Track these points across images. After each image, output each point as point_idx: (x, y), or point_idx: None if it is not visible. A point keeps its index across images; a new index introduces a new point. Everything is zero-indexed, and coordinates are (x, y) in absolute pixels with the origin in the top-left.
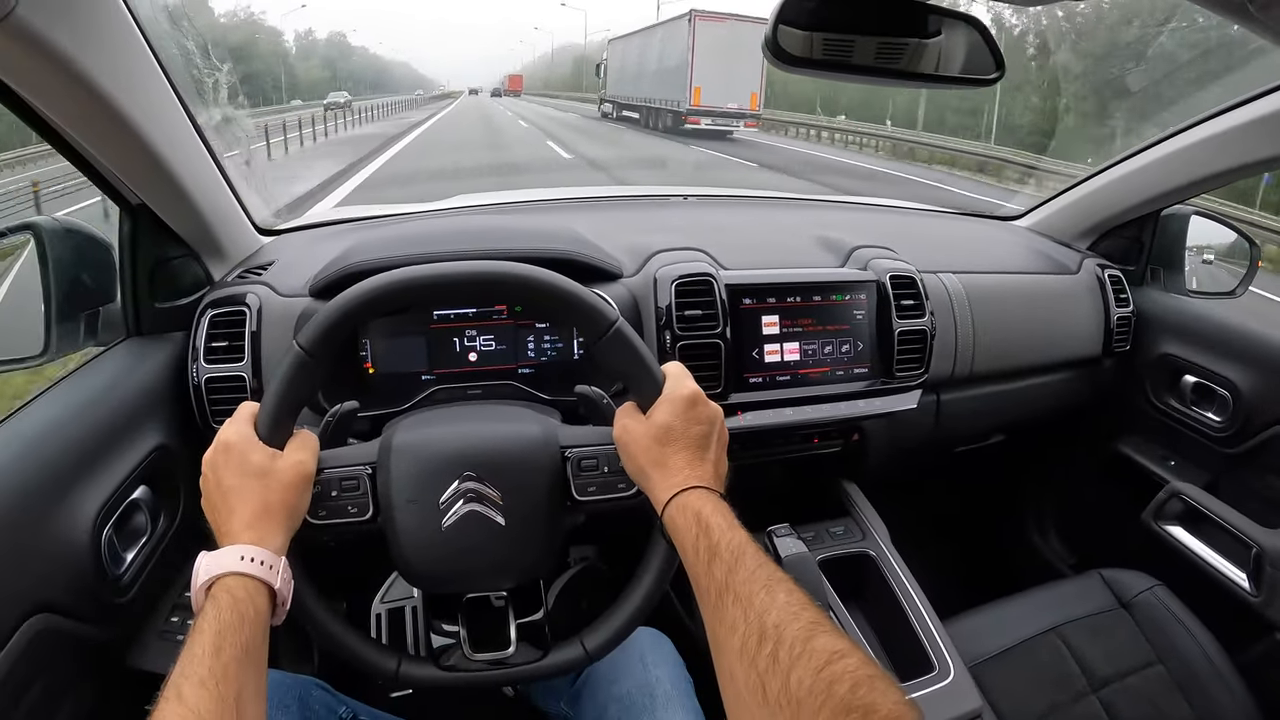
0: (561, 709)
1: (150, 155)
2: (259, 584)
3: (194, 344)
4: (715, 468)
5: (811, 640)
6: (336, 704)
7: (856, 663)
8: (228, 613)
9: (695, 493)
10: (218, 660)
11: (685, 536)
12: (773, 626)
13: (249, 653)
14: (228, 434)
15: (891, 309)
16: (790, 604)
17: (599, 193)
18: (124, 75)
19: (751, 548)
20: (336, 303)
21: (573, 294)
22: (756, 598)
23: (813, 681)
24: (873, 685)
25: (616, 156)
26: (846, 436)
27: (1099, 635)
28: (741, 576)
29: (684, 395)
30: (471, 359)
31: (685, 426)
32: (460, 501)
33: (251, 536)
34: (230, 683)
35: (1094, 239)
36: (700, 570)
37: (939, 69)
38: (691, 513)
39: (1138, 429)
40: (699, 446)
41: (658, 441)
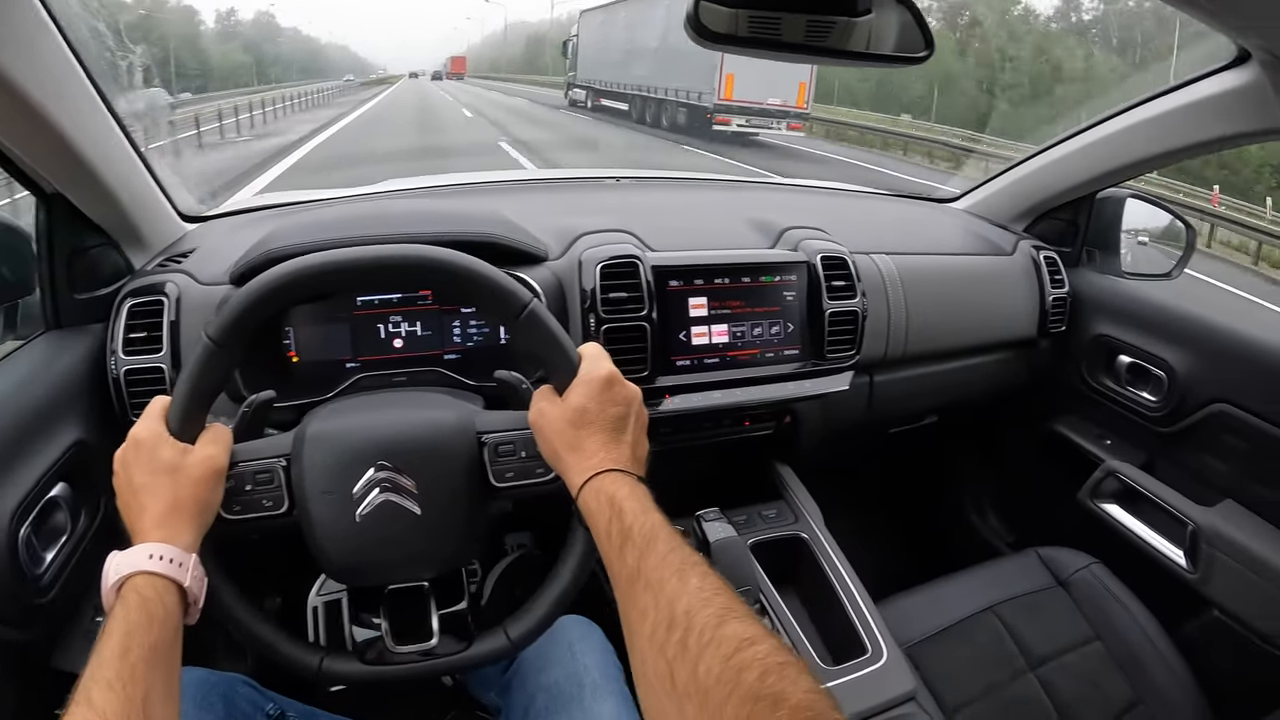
0: (493, 699)
1: (62, 141)
2: (168, 583)
3: (112, 335)
4: (633, 450)
5: (721, 627)
6: (263, 701)
7: (767, 650)
8: (135, 613)
9: (610, 476)
10: (125, 662)
11: (598, 521)
12: (683, 613)
13: (158, 653)
14: (138, 430)
15: (822, 290)
16: (702, 589)
17: (530, 176)
18: (30, 57)
19: (665, 531)
20: (243, 292)
21: (485, 276)
22: (668, 583)
23: (721, 669)
24: (783, 673)
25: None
26: (778, 419)
27: (1036, 613)
28: (653, 561)
29: (599, 376)
30: (396, 345)
31: (601, 408)
32: (375, 491)
33: (161, 534)
34: (138, 684)
35: (1030, 221)
36: (613, 555)
37: (869, 47)
38: (605, 496)
39: (1074, 409)
40: (615, 429)
41: (572, 424)
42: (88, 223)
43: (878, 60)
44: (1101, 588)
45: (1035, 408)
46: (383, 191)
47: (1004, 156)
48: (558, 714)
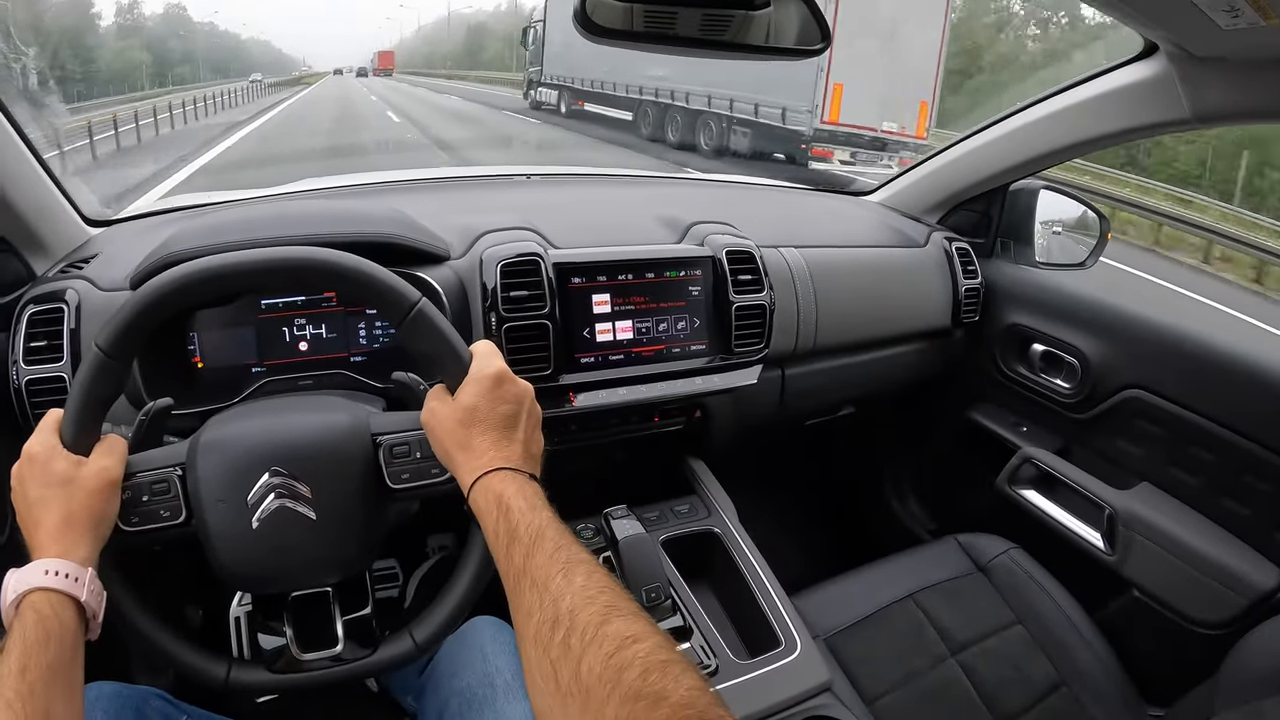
0: (409, 703)
1: None
2: (64, 598)
3: (13, 345)
4: (525, 448)
5: (605, 625)
6: (176, 713)
7: (649, 648)
8: (33, 630)
9: (499, 474)
10: (23, 680)
11: (487, 520)
12: (566, 612)
13: (56, 670)
14: (31, 444)
15: (728, 284)
16: (587, 588)
17: (441, 174)
18: None
19: (553, 530)
20: (131, 300)
21: (372, 276)
22: (553, 582)
23: (603, 668)
24: (665, 671)
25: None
26: (688, 414)
27: (957, 599)
28: (539, 560)
29: (489, 374)
30: (302, 348)
31: (491, 406)
32: (270, 497)
33: (57, 549)
34: (37, 701)
35: (943, 213)
36: (500, 554)
37: (768, 40)
38: (493, 495)
39: (990, 397)
40: (506, 426)
41: (462, 424)
42: None
43: (776, 54)
44: (1022, 572)
45: (952, 397)
46: (292, 192)
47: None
48: (471, 717)
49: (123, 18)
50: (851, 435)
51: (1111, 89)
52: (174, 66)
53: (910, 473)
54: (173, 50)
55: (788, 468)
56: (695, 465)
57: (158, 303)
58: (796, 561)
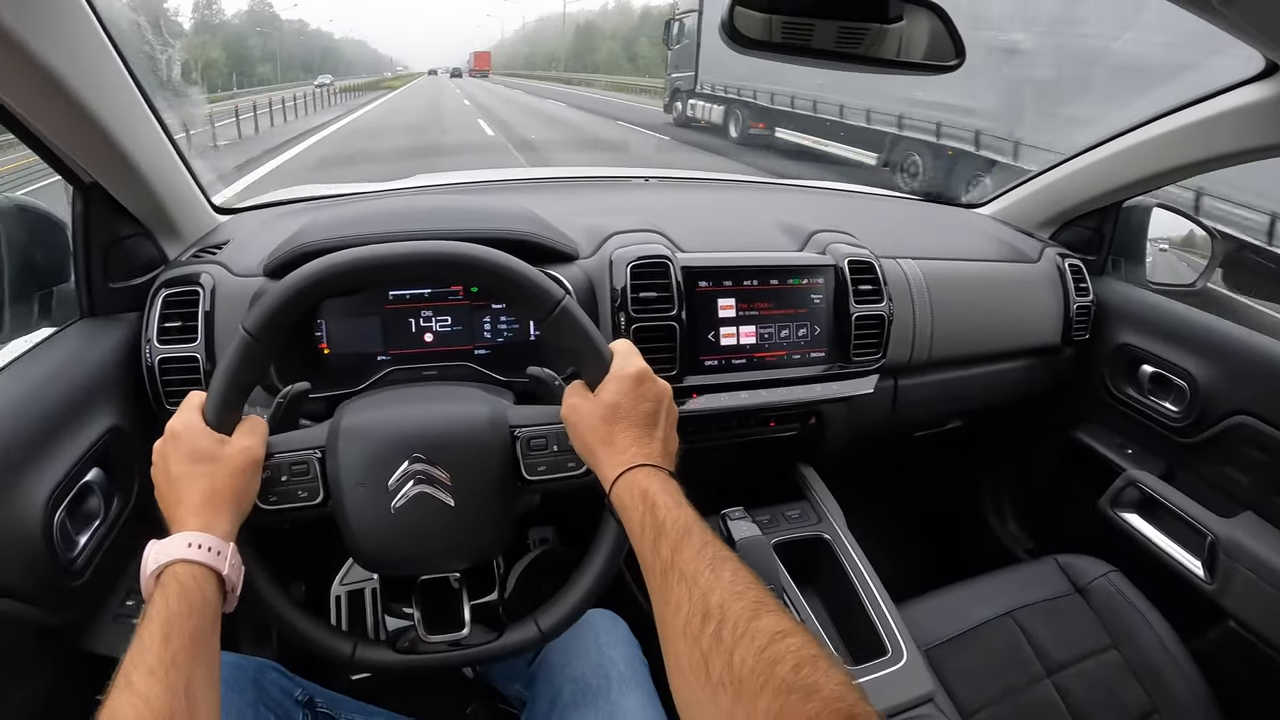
0: (517, 690)
1: (101, 132)
2: (206, 571)
3: (147, 324)
4: (664, 445)
5: (755, 620)
6: (292, 686)
7: (799, 643)
8: (175, 601)
9: (642, 470)
10: (166, 649)
11: (632, 514)
12: (716, 605)
13: (198, 640)
14: (175, 423)
15: (849, 293)
16: (735, 583)
17: (559, 174)
18: (73, 50)
19: (698, 526)
20: (281, 287)
21: (519, 273)
22: (701, 576)
23: (755, 661)
24: (815, 666)
25: None
26: (803, 420)
27: (1054, 620)
28: (687, 555)
29: (631, 373)
30: (427, 340)
31: (633, 404)
32: (409, 483)
33: (198, 523)
34: (179, 670)
35: (1056, 228)
36: (646, 548)
37: (900, 55)
38: (638, 490)
39: (1096, 417)
40: (646, 424)
41: (604, 420)
42: (124, 213)
43: (908, 68)
44: (1119, 596)
45: (1058, 415)
46: (411, 187)
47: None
48: (584, 706)
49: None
50: (956, 449)
51: (1231, 108)
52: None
53: (1011, 490)
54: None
55: (890, 478)
56: (806, 471)
57: (308, 289)
58: (892, 572)
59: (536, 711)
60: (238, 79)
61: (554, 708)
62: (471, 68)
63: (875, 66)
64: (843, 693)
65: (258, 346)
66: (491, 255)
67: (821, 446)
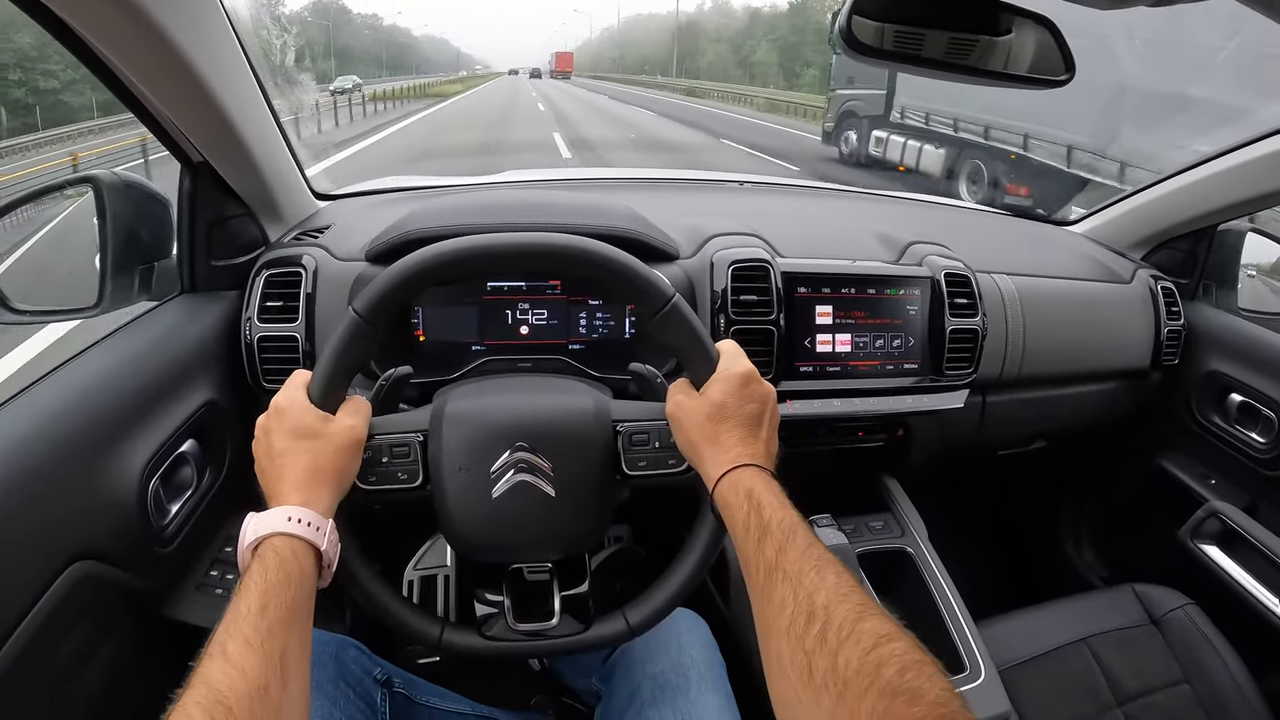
0: (592, 685)
1: (218, 113)
2: (305, 545)
3: (248, 302)
4: (767, 447)
5: (860, 622)
6: (371, 665)
7: (905, 646)
8: (274, 572)
9: (747, 470)
10: (263, 619)
11: (736, 514)
12: (821, 606)
13: (294, 613)
14: (280, 398)
15: (944, 306)
16: (840, 585)
17: (654, 174)
18: (198, 33)
19: (802, 528)
20: (394, 270)
21: (632, 269)
22: (806, 577)
23: (860, 662)
24: (920, 670)
25: None
26: (891, 432)
27: (1128, 649)
28: (792, 556)
29: (738, 373)
30: (523, 332)
31: (739, 404)
32: (511, 471)
33: (299, 498)
34: (275, 641)
35: (1148, 249)
36: (750, 548)
37: (1008, 67)
38: (743, 490)
39: (1180, 445)
40: (752, 425)
41: (711, 418)
42: (230, 193)
43: (1014, 81)
44: (1195, 630)
45: (1141, 441)
46: (507, 181)
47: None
48: (663, 703)
49: (254, 3)
50: (1037, 470)
51: None
52: (316, 61)
53: (1090, 515)
54: (314, 43)
55: (968, 494)
56: (890, 483)
57: (422, 274)
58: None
59: (614, 706)
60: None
61: (632, 703)
62: (553, 68)
63: (981, 78)
64: (947, 699)
65: (367, 328)
66: (607, 250)
67: (907, 459)
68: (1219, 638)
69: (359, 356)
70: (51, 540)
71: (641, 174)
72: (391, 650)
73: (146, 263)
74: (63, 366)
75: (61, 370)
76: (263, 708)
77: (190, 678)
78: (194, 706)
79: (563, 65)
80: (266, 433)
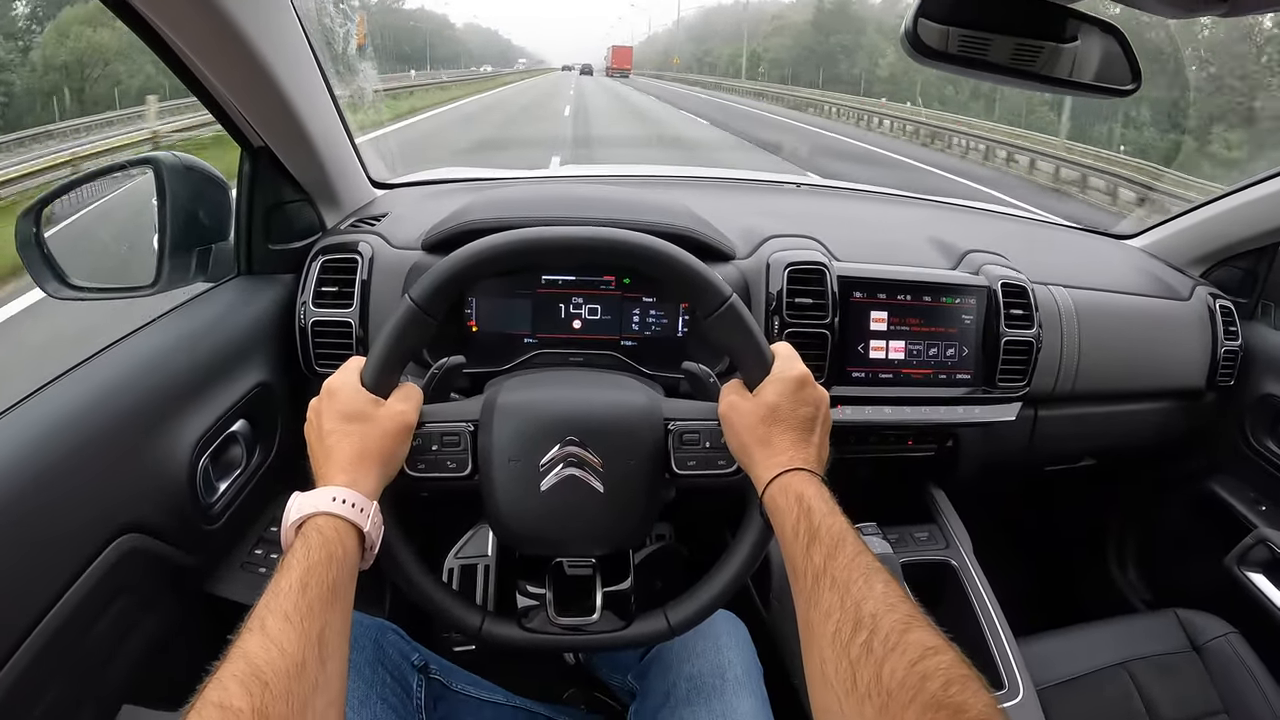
0: (627, 681)
1: (280, 98)
2: (349, 526)
3: (304, 287)
4: (818, 451)
5: (907, 633)
6: (409, 650)
7: (950, 660)
8: (317, 551)
9: (798, 474)
10: (303, 597)
11: (785, 517)
12: (869, 615)
13: (335, 592)
14: (334, 381)
15: (1000, 317)
16: (887, 595)
17: (710, 174)
18: (263, 18)
19: (851, 535)
20: (453, 258)
21: (691, 267)
22: (854, 585)
23: (905, 674)
24: (965, 684)
25: None
26: (941, 442)
27: (1167, 676)
28: (840, 562)
29: (793, 376)
30: (575, 326)
31: (793, 407)
32: (560, 465)
33: (345, 480)
34: (314, 619)
35: (1208, 267)
36: (798, 553)
37: (1073, 75)
38: (793, 494)
39: (1231, 469)
40: (804, 428)
41: (764, 420)
42: (288, 178)
43: (1082, 90)
44: (1237, 659)
45: (1192, 463)
46: (565, 176)
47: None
48: (698, 703)
49: None
50: (1084, 488)
51: None
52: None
53: (1135, 536)
54: (330, 29)
55: (1013, 508)
56: (937, 494)
57: (480, 263)
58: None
59: (648, 704)
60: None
61: (667, 702)
62: (609, 65)
63: (1048, 85)
64: (990, 715)
65: (423, 315)
66: (666, 247)
67: (955, 470)
68: (1261, 669)
69: (413, 343)
70: (101, 511)
71: (697, 173)
72: (428, 637)
73: (204, 244)
74: (120, 342)
75: (118, 346)
76: (299, 684)
77: (228, 651)
78: (230, 679)
79: (620, 62)
80: (318, 414)
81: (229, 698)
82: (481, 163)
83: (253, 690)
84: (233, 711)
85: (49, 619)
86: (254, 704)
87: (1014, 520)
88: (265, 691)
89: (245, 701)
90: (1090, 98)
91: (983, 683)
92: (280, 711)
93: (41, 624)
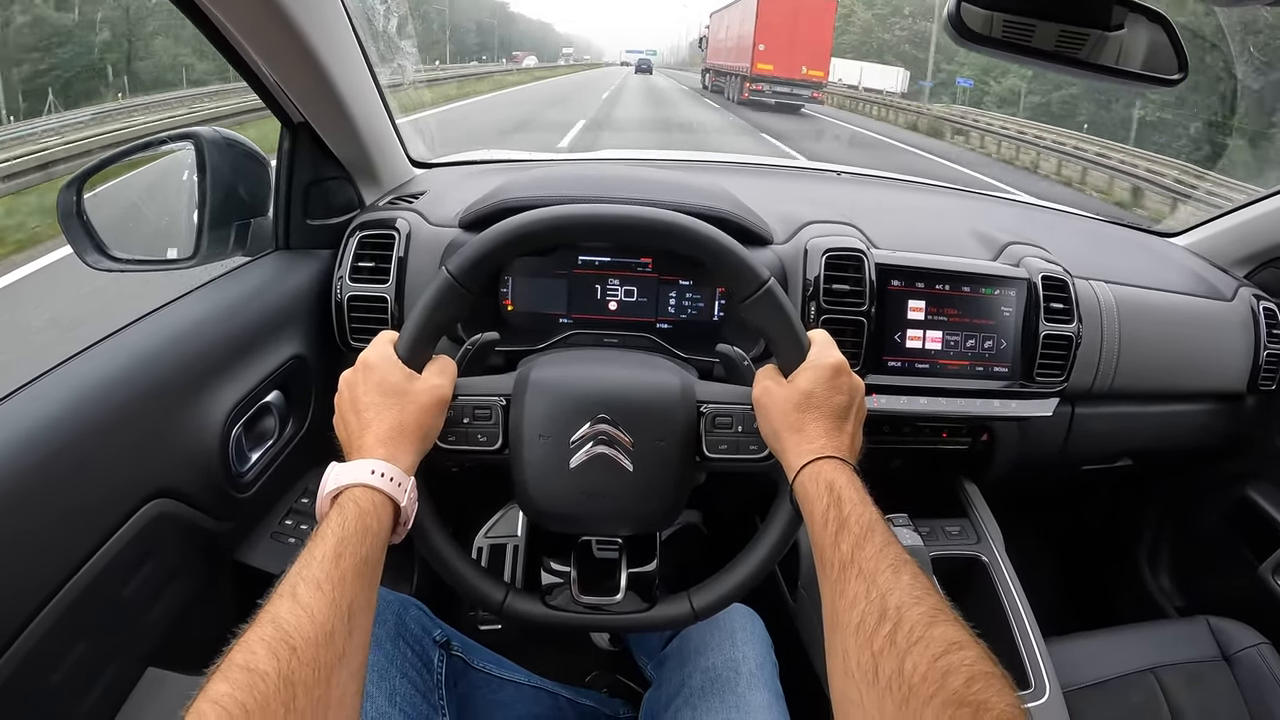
0: (649, 670)
1: (321, 75)
2: (385, 499)
3: (341, 262)
4: (851, 440)
5: (932, 627)
6: (432, 626)
7: (975, 656)
8: (352, 523)
9: (830, 463)
10: (336, 567)
11: (815, 505)
12: (894, 607)
13: (367, 564)
14: (369, 354)
15: (1040, 310)
16: (914, 587)
17: (750, 160)
18: None
19: (881, 525)
20: (491, 233)
21: (729, 250)
22: (881, 576)
23: (928, 669)
24: (989, 682)
25: None
26: (976, 435)
27: (1195, 684)
28: (868, 553)
29: (829, 363)
30: (611, 307)
31: (827, 395)
32: (591, 443)
33: (384, 453)
34: (345, 590)
35: (1253, 267)
36: (826, 541)
37: (1119, 63)
38: (824, 482)
39: (1270, 476)
40: (838, 416)
41: (797, 407)
42: (328, 155)
43: (1126, 78)
44: (1266, 670)
45: (1230, 467)
46: (604, 158)
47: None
48: (712, 696)
49: None
50: (1119, 488)
51: None
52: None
53: (1168, 539)
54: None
55: (1045, 506)
56: (970, 488)
57: (519, 239)
58: (1038, 605)
59: (663, 694)
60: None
61: (681, 693)
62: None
63: (1093, 73)
64: (1013, 714)
65: (459, 289)
66: (704, 229)
67: (989, 465)
68: None
69: (448, 316)
70: (134, 475)
71: (736, 159)
72: (454, 615)
73: (243, 219)
74: (157, 311)
75: (156, 315)
76: (326, 652)
77: (258, 615)
78: (258, 643)
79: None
80: (351, 387)
81: (256, 661)
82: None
83: (280, 655)
84: (259, 674)
85: (79, 576)
86: (280, 668)
87: (1046, 519)
88: (293, 657)
89: (272, 665)
90: (1135, 86)
91: (1007, 681)
92: (305, 678)
93: (71, 581)
